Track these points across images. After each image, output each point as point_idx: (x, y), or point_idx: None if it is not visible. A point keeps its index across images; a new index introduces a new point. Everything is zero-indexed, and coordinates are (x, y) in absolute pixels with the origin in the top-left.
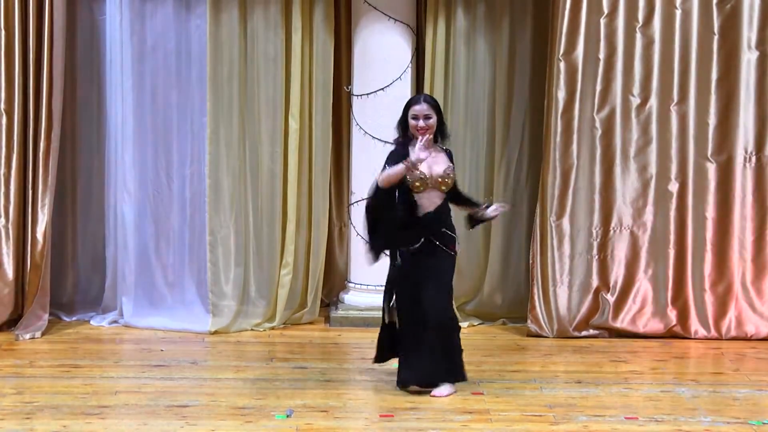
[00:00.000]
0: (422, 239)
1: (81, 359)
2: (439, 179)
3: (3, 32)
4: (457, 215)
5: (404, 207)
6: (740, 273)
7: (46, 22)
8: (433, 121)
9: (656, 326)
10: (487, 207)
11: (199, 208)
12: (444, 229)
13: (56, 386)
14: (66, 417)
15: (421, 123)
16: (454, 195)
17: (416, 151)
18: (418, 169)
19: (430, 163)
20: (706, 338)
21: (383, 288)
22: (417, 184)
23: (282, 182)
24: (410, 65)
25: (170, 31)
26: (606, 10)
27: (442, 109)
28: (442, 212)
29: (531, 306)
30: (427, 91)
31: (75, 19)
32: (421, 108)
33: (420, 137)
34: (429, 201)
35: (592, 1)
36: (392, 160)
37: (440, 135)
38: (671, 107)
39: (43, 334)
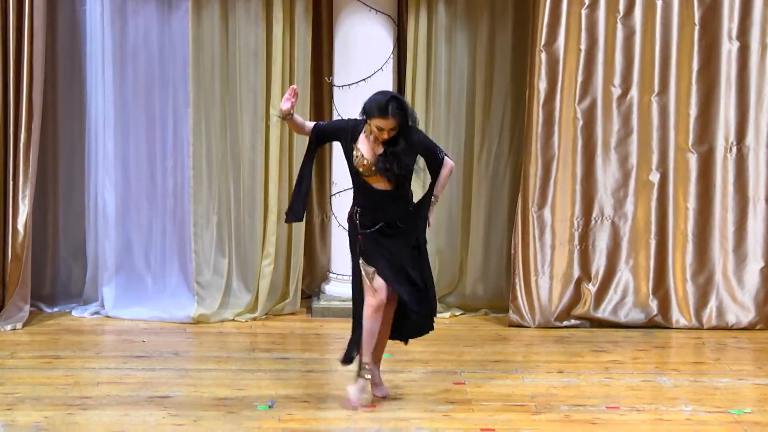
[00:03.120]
0: (380, 222)
1: (62, 350)
2: (383, 173)
3: None
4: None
5: (356, 184)
6: (721, 263)
7: (26, 12)
8: (397, 131)
9: (637, 316)
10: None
11: (181, 199)
12: (405, 208)
13: (37, 377)
14: (47, 408)
15: (385, 135)
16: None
17: (282, 102)
18: (285, 117)
19: (376, 150)
20: (687, 328)
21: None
22: (360, 169)
23: (263, 173)
24: (392, 56)
25: (152, 23)
26: (587, 2)
27: (425, 101)
28: (401, 192)
29: (512, 296)
30: (408, 82)
31: (56, 10)
32: (387, 123)
33: (289, 93)
34: (379, 183)
35: None
36: (337, 125)
37: (405, 132)
38: (652, 98)
39: (24, 326)
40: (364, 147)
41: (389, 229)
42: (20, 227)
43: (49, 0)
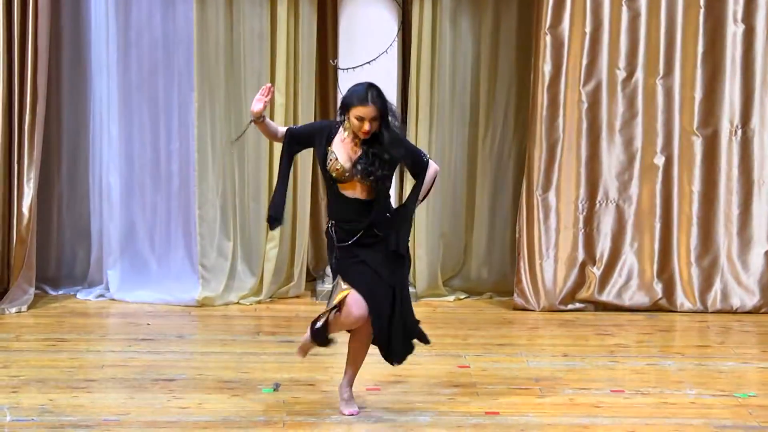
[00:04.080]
0: (357, 234)
1: (67, 333)
2: (359, 178)
3: None
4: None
5: (331, 194)
6: (726, 246)
7: None
8: (378, 123)
9: (642, 299)
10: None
11: (185, 182)
12: (382, 216)
13: (42, 360)
14: (52, 391)
15: (366, 126)
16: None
17: (253, 103)
18: (257, 122)
19: (352, 155)
20: (692, 311)
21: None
22: (334, 174)
23: (268, 157)
24: (396, 39)
25: (156, 5)
26: None
27: (430, 84)
28: (378, 199)
29: (517, 280)
30: (413, 65)
31: None
32: (367, 111)
33: (261, 92)
34: (354, 191)
35: None
36: (311, 129)
37: (385, 132)
38: (657, 81)
39: (29, 308)
40: (339, 150)
41: (367, 239)
42: (25, 210)
43: None
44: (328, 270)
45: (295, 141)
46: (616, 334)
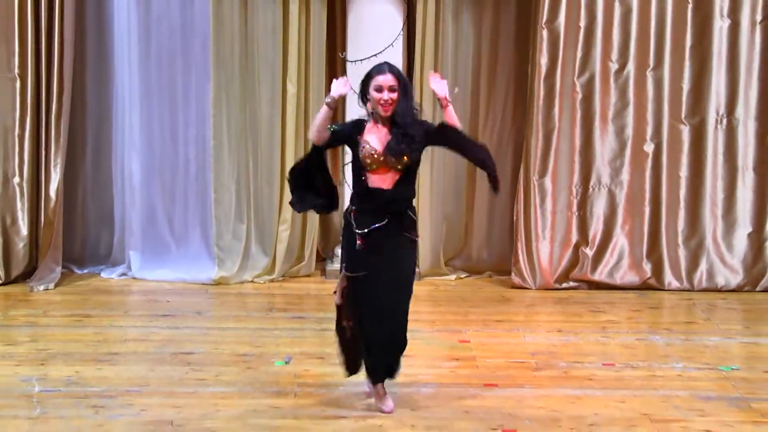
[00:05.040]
0: (380, 221)
1: (92, 309)
2: (393, 159)
3: (16, 1)
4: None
5: (358, 185)
6: (711, 228)
7: None
8: (397, 95)
9: (632, 278)
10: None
11: (202, 168)
12: (406, 211)
13: (68, 335)
14: (78, 363)
15: (386, 95)
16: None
17: (336, 85)
18: (334, 105)
19: (383, 139)
20: (679, 290)
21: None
22: (368, 161)
23: (280, 143)
24: (401, 33)
25: (174, 2)
26: None
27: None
28: (401, 192)
29: (515, 260)
30: (417, 58)
31: None
32: (386, 79)
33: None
34: (383, 180)
35: None
36: (346, 126)
37: (402, 112)
38: (647, 72)
39: (56, 286)
40: (371, 138)
41: (388, 228)
42: (52, 194)
43: None
44: (337, 250)
45: (334, 137)
46: (608, 311)
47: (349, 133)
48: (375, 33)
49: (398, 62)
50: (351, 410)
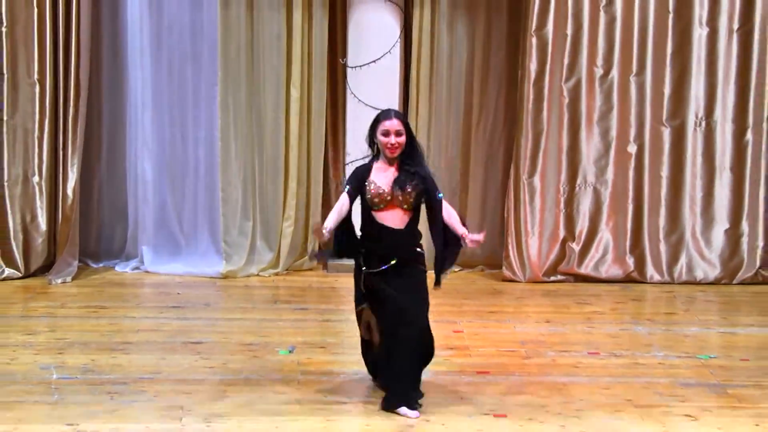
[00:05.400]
0: (389, 262)
1: (106, 301)
2: (400, 197)
3: (36, 10)
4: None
5: (367, 225)
6: (691, 225)
7: (74, 2)
8: (404, 138)
9: (616, 272)
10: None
11: (210, 167)
12: (413, 248)
13: (85, 325)
14: (93, 352)
15: (392, 140)
16: (431, 218)
17: (326, 223)
18: (321, 237)
19: (389, 178)
20: (661, 282)
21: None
22: (376, 200)
23: (284, 144)
24: (399, 40)
25: (184, 10)
26: None
27: (429, 80)
28: (410, 231)
29: (505, 254)
30: (414, 64)
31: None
32: (392, 124)
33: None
34: (392, 219)
35: None
36: (352, 177)
37: (410, 154)
38: (631, 78)
39: (73, 279)
40: (377, 178)
41: (398, 267)
42: (69, 192)
43: None
44: None
45: (353, 194)
46: (593, 302)
47: (359, 179)
48: (374, 40)
49: (396, 68)
50: (352, 396)
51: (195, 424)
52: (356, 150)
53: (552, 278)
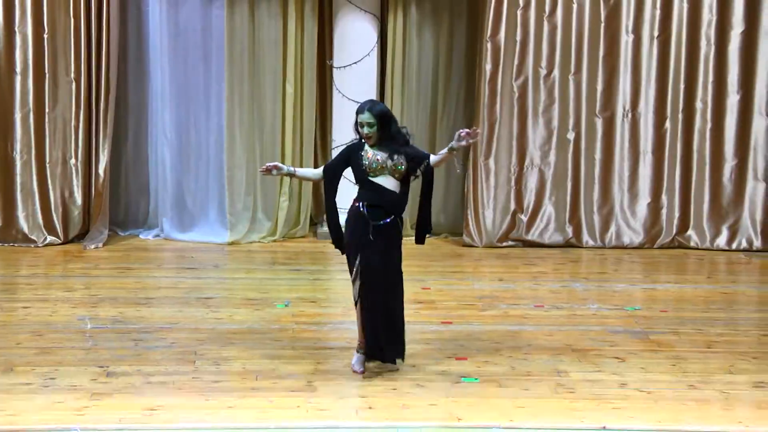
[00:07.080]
0: (390, 217)
1: (132, 263)
2: (390, 165)
3: (72, 19)
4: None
5: (365, 187)
6: (619, 199)
7: (104, 11)
8: (374, 129)
9: (557, 238)
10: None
11: (218, 152)
12: (402, 211)
13: (114, 283)
14: (122, 306)
15: (365, 131)
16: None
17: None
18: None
19: (381, 153)
20: (594, 247)
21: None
22: (373, 165)
23: (281, 132)
24: (376, 45)
25: (197, 18)
26: (521, 3)
27: (402, 79)
28: (402, 195)
29: (465, 224)
30: (389, 65)
31: (126, 9)
32: (363, 117)
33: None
34: (387, 183)
35: None
36: (345, 150)
37: (389, 138)
38: (569, 76)
39: (104, 245)
40: (370, 150)
41: (392, 222)
42: (101, 172)
43: (121, 3)
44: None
45: (332, 173)
46: (539, 264)
47: (346, 159)
48: (356, 45)
49: (373, 69)
50: (337, 342)
51: (206, 366)
52: (341, 137)
53: (504, 244)
